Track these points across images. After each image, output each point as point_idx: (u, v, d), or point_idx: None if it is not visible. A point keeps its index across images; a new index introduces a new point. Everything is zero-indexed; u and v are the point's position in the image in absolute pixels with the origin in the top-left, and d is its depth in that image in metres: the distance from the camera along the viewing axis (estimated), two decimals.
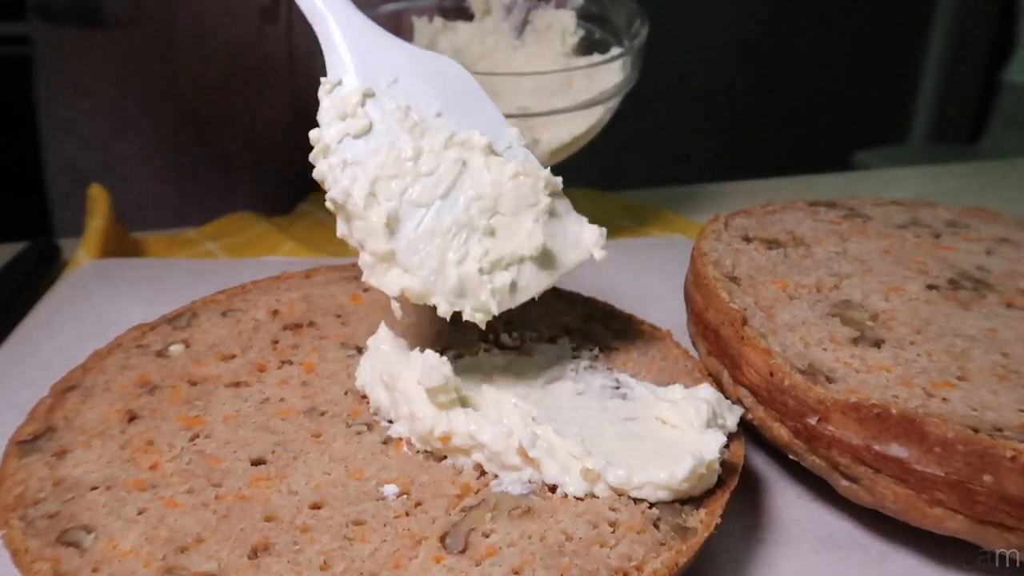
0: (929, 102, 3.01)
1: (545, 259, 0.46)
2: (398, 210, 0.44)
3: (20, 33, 1.05)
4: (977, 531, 0.41)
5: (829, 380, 0.44)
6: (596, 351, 0.52)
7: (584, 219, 0.48)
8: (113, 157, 0.96)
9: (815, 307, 0.50)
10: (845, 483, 0.44)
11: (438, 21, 0.80)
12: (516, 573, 0.36)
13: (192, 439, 0.44)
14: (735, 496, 0.42)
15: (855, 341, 0.47)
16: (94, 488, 0.40)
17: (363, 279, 0.44)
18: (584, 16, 0.80)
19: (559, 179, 0.47)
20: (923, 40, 2.96)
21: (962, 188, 1.11)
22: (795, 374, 0.44)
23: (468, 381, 0.44)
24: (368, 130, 0.45)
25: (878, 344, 0.47)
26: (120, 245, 0.75)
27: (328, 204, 0.44)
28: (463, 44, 0.79)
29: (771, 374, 0.45)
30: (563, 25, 0.79)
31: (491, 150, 0.46)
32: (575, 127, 0.73)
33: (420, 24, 0.79)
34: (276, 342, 0.52)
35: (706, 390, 0.45)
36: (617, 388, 0.48)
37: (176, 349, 0.51)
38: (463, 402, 0.43)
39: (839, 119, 2.90)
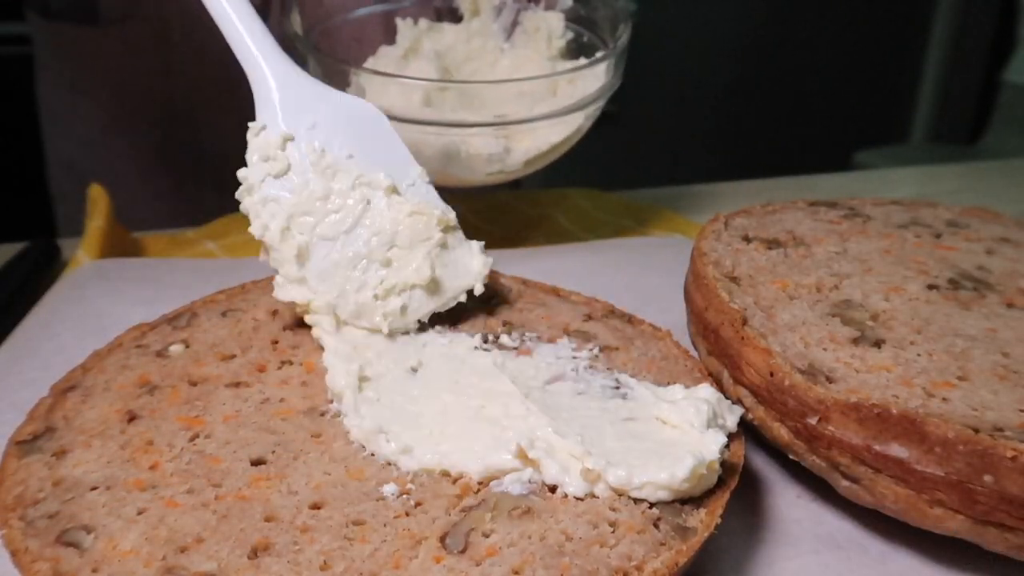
0: (929, 102, 3.01)
1: (434, 286, 0.53)
2: (308, 243, 0.51)
3: (24, 33, 1.05)
4: (977, 531, 0.41)
5: (829, 380, 0.44)
6: (596, 351, 0.52)
7: (476, 248, 0.54)
8: (111, 155, 0.96)
9: (815, 307, 0.50)
10: (845, 483, 0.44)
11: (423, 23, 0.79)
12: (516, 573, 0.36)
13: (192, 439, 0.44)
14: (735, 496, 0.42)
15: (855, 341, 0.47)
16: (94, 488, 0.40)
17: (274, 294, 0.51)
18: (572, 19, 0.79)
19: (452, 215, 0.54)
20: (923, 40, 2.96)
21: (962, 188, 1.11)
22: (795, 374, 0.44)
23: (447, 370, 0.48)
24: (286, 171, 0.52)
25: (878, 344, 0.47)
26: (120, 245, 0.75)
27: (256, 233, 0.51)
28: (448, 46, 0.78)
29: (771, 374, 0.45)
30: (551, 28, 0.78)
31: (393, 190, 0.53)
32: (553, 135, 0.72)
33: (404, 26, 0.78)
34: (276, 342, 0.52)
35: (706, 390, 0.45)
36: (617, 388, 0.48)
37: (176, 349, 0.51)
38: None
39: (839, 119, 2.90)
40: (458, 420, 0.44)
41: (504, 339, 0.52)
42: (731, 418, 0.45)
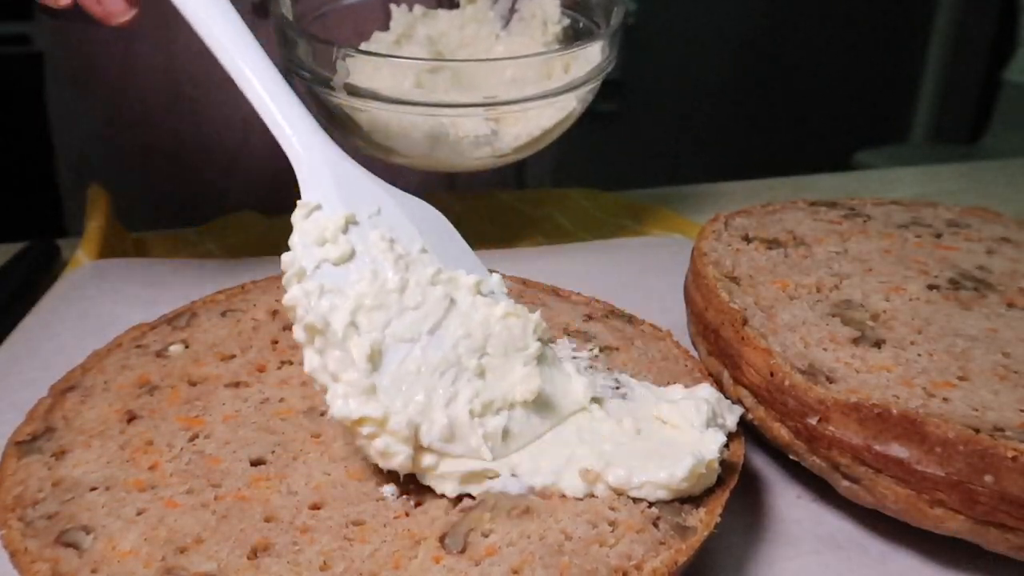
0: (929, 102, 3.01)
1: (539, 405, 0.42)
2: (381, 343, 0.40)
3: (33, 32, 1.05)
4: (978, 531, 0.41)
5: (829, 380, 0.44)
6: (596, 351, 0.52)
7: (571, 369, 0.44)
8: (116, 153, 0.96)
9: (815, 307, 0.50)
10: (845, 483, 0.44)
11: (418, 9, 0.79)
12: (515, 573, 0.36)
13: (192, 439, 0.44)
14: (735, 496, 0.42)
15: (855, 341, 0.47)
16: (93, 488, 0.40)
17: (332, 412, 0.39)
18: (568, 5, 0.79)
19: (546, 326, 0.44)
20: (923, 40, 2.96)
21: (962, 188, 1.10)
22: (795, 374, 0.44)
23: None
24: (350, 257, 0.43)
25: (878, 344, 0.47)
26: (120, 245, 0.75)
27: (298, 334, 0.40)
28: (441, 32, 0.78)
29: (771, 374, 0.45)
30: (547, 14, 0.77)
31: (478, 290, 0.44)
32: (544, 119, 0.71)
33: (398, 12, 0.78)
34: (276, 342, 0.52)
35: (706, 390, 0.45)
36: (617, 388, 0.48)
37: (176, 349, 0.51)
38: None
39: (839, 119, 2.90)
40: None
41: None
42: (731, 418, 0.45)
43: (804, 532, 0.46)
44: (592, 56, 0.71)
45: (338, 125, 0.72)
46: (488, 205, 0.90)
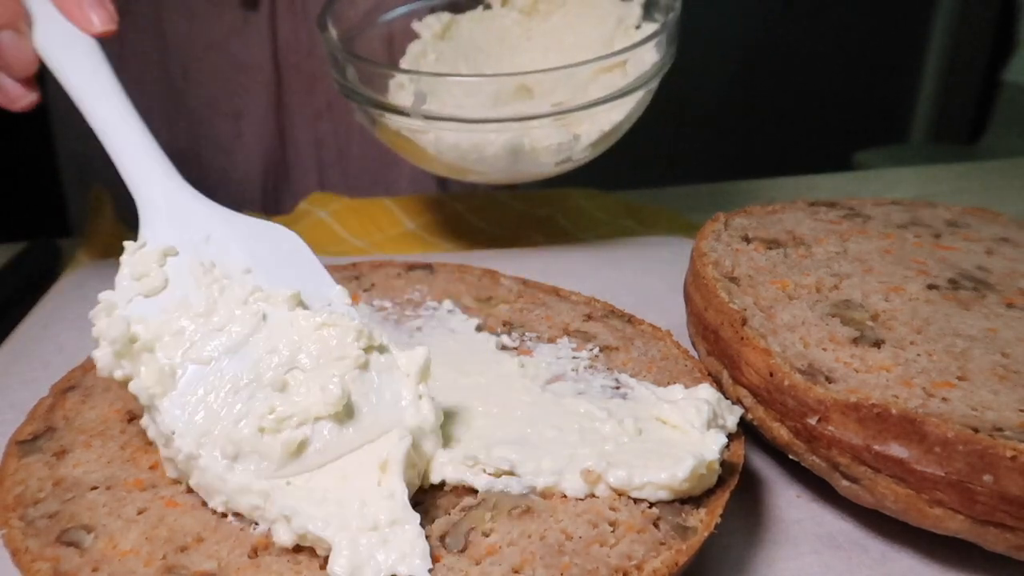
0: (929, 102, 3.01)
1: (348, 416, 0.40)
2: (174, 368, 0.41)
3: None
4: (977, 531, 0.41)
5: (829, 380, 0.44)
6: (596, 351, 0.52)
7: (417, 385, 0.42)
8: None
9: (815, 307, 0.50)
10: (845, 483, 0.44)
11: (444, 16, 0.78)
12: (516, 572, 0.36)
13: None
14: (735, 496, 0.42)
15: (855, 341, 0.47)
16: (94, 488, 0.40)
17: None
18: None
19: (377, 332, 0.43)
20: (923, 40, 2.96)
21: (962, 188, 1.11)
22: (795, 374, 0.44)
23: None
24: (161, 289, 0.44)
25: (878, 344, 0.47)
26: (120, 245, 0.75)
27: (101, 362, 0.41)
28: (470, 35, 0.77)
29: (771, 374, 0.45)
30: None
31: (298, 301, 0.44)
32: (615, 114, 0.69)
33: (421, 26, 0.77)
34: None
35: (706, 390, 0.45)
36: (617, 388, 0.48)
37: None
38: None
39: (839, 119, 2.90)
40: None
41: (504, 339, 0.52)
42: (731, 418, 0.45)
43: (804, 532, 0.46)
44: (651, 48, 0.69)
45: (401, 150, 0.70)
46: (488, 205, 0.90)
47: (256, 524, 0.38)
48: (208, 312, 0.43)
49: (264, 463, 0.39)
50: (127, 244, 0.46)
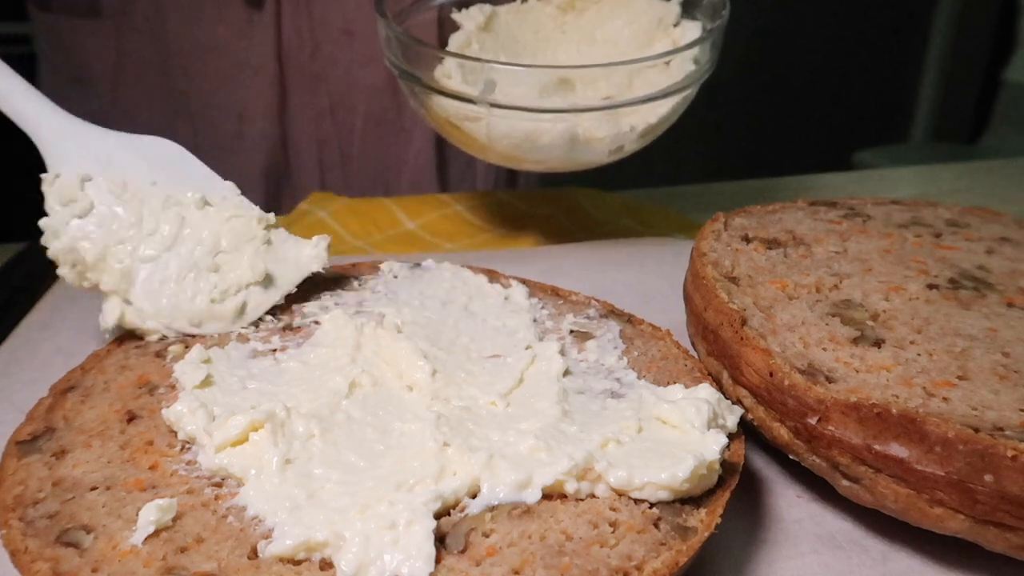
0: (929, 102, 3.01)
1: (268, 281, 0.54)
2: (129, 268, 0.52)
3: (26, 32, 1.06)
4: (977, 531, 0.41)
5: (829, 380, 0.44)
6: (597, 351, 0.52)
7: (302, 240, 0.56)
8: None
9: (815, 307, 0.50)
10: (845, 483, 0.44)
11: (487, 7, 0.79)
12: (516, 573, 0.36)
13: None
14: (735, 496, 0.42)
15: (855, 341, 0.47)
16: (94, 488, 0.40)
17: (101, 327, 0.52)
18: None
19: (271, 215, 0.56)
20: (923, 40, 2.96)
21: (962, 188, 1.11)
22: (795, 374, 0.44)
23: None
24: (90, 209, 0.53)
25: (878, 344, 0.47)
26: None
27: (66, 276, 0.52)
28: (508, 26, 0.79)
29: (771, 374, 0.45)
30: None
31: (204, 203, 0.55)
32: (661, 108, 0.72)
33: (463, 16, 0.79)
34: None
35: (706, 390, 0.45)
36: (617, 388, 0.48)
37: (175, 349, 0.51)
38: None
39: (839, 119, 2.90)
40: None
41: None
42: (731, 418, 0.45)
43: (804, 532, 0.46)
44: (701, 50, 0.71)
45: (451, 137, 0.72)
46: (488, 205, 0.90)
47: (256, 525, 0.38)
48: (138, 221, 0.53)
49: (221, 323, 0.52)
50: (42, 177, 0.53)
